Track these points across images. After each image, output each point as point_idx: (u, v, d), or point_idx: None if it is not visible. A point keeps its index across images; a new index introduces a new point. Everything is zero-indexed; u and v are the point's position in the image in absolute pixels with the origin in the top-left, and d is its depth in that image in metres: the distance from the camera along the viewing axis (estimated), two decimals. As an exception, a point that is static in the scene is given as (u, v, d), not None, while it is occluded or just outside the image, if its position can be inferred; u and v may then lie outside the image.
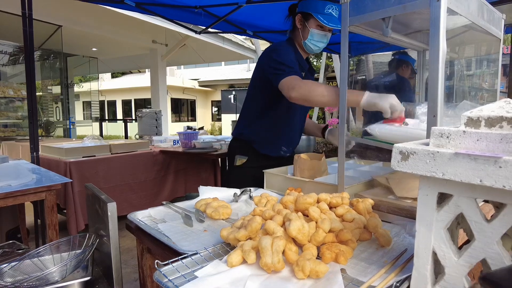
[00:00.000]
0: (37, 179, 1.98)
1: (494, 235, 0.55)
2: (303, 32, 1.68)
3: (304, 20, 1.66)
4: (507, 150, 0.54)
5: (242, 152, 1.81)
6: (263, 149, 1.77)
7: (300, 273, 0.68)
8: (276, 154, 1.80)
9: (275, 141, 1.78)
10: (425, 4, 0.88)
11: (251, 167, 1.78)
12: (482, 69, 1.72)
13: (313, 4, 1.62)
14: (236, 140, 1.86)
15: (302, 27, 1.68)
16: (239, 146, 1.83)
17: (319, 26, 1.62)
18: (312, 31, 1.64)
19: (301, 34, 1.68)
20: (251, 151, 1.79)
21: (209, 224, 1.05)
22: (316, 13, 1.60)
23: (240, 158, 1.80)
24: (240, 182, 1.70)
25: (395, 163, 0.63)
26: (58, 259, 1.22)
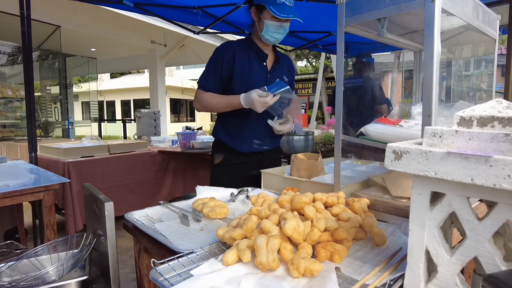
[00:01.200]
0: (35, 179, 1.98)
1: (486, 234, 0.56)
2: (259, 24, 1.66)
3: (259, 12, 1.64)
4: (497, 149, 0.54)
5: (218, 150, 1.83)
6: (236, 147, 1.77)
7: (295, 271, 0.68)
8: (249, 149, 1.78)
9: (245, 136, 1.76)
10: (419, 5, 0.88)
11: (227, 164, 1.80)
12: (479, 70, 1.73)
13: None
14: (215, 139, 1.89)
15: (257, 19, 1.66)
16: (215, 145, 1.87)
17: (274, 18, 1.59)
18: (267, 22, 1.60)
19: (258, 27, 1.67)
20: (226, 149, 1.80)
21: (205, 224, 1.06)
22: (269, 4, 1.56)
23: (217, 156, 1.82)
24: (220, 180, 1.74)
25: (389, 162, 0.64)
26: (55, 258, 1.22)
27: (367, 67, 3.22)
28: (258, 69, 1.73)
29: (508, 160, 0.49)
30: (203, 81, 1.71)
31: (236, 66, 1.67)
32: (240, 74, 1.68)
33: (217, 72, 1.68)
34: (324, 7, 2.82)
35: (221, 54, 1.69)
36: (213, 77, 1.69)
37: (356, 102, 2.60)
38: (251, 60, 1.71)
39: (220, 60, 1.68)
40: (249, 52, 1.71)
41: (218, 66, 1.68)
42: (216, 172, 1.84)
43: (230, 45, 1.72)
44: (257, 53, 1.73)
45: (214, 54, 1.72)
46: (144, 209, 1.18)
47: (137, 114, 4.46)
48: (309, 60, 21.33)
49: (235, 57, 1.67)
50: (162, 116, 6.02)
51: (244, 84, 1.67)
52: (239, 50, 1.69)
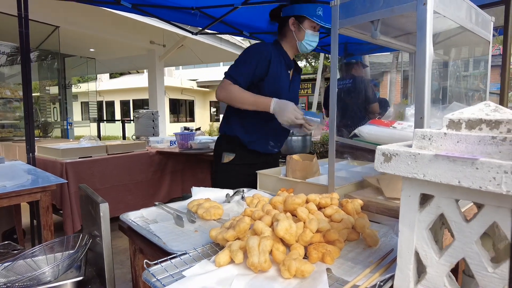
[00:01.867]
0: (33, 180, 1.99)
1: (473, 235, 0.57)
2: (297, 34, 1.76)
3: (299, 23, 1.74)
4: (484, 152, 0.55)
5: (229, 149, 1.82)
6: (250, 145, 1.79)
7: (286, 272, 0.69)
8: (264, 149, 1.83)
9: (263, 136, 1.81)
10: (412, 8, 0.89)
11: (238, 164, 1.80)
12: (474, 71, 1.74)
13: (305, 8, 1.72)
14: (223, 137, 1.87)
15: (296, 29, 1.75)
16: (226, 143, 1.84)
17: (312, 27, 1.74)
18: (307, 32, 1.74)
19: (296, 36, 1.76)
20: (239, 148, 1.80)
21: (200, 225, 1.06)
22: (310, 15, 1.71)
23: (227, 155, 1.81)
24: (228, 180, 1.75)
25: (378, 164, 0.64)
26: (51, 259, 1.23)
27: (357, 67, 3.23)
28: (284, 77, 1.80)
29: (494, 162, 0.49)
30: (234, 73, 1.69)
31: (270, 69, 1.72)
32: (272, 78, 1.74)
33: (250, 69, 1.69)
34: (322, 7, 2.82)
35: (258, 54, 1.71)
36: (245, 72, 1.69)
37: (348, 103, 2.61)
38: (282, 67, 1.78)
39: (256, 58, 1.70)
40: (281, 58, 1.78)
41: (253, 64, 1.70)
42: (225, 171, 1.82)
43: (267, 47, 1.75)
44: (286, 61, 1.80)
45: (251, 52, 1.73)
46: (140, 210, 1.19)
47: (136, 115, 4.47)
48: (308, 60, 21.34)
49: (271, 60, 1.72)
50: (161, 117, 6.02)
51: (273, 88, 1.73)
52: (274, 54, 1.75)
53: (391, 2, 0.93)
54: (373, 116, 2.86)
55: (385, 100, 4.51)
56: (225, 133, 1.85)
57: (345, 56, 3.36)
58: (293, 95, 1.88)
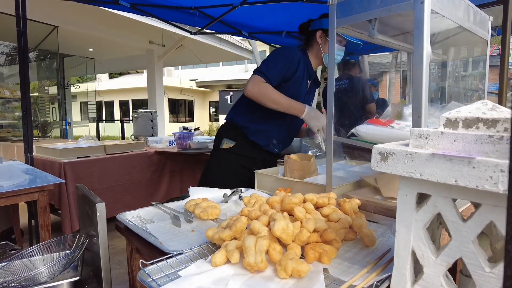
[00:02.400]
0: (30, 179, 1.98)
1: (470, 235, 0.56)
2: (324, 46, 1.81)
3: (325, 36, 1.79)
4: (481, 151, 0.54)
5: (231, 136, 1.82)
6: (252, 135, 1.80)
7: (282, 272, 0.69)
8: (264, 144, 1.83)
9: (268, 131, 1.82)
10: (409, 7, 0.89)
11: (237, 153, 1.80)
12: (471, 71, 1.73)
13: None
14: (228, 123, 1.88)
15: (323, 42, 1.81)
16: (229, 130, 1.85)
17: (339, 41, 1.74)
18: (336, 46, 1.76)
19: (322, 48, 1.82)
20: (240, 137, 1.80)
21: (197, 225, 1.06)
22: None
23: (227, 141, 1.81)
24: (223, 166, 1.76)
25: (375, 163, 0.64)
26: (48, 259, 1.22)
27: (354, 67, 3.23)
28: (304, 84, 1.83)
29: (490, 161, 0.49)
30: (267, 71, 1.69)
31: (297, 73, 1.75)
32: (296, 82, 1.77)
33: (283, 70, 1.71)
34: (320, 8, 2.82)
35: (291, 57, 1.74)
36: (278, 72, 1.70)
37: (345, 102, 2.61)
38: (304, 74, 1.81)
39: (289, 61, 1.72)
40: (305, 66, 1.81)
41: (285, 65, 1.72)
42: (221, 157, 1.82)
43: (298, 53, 1.78)
44: (309, 70, 1.84)
45: (284, 52, 1.75)
46: (137, 210, 1.18)
47: (134, 115, 4.46)
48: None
49: (299, 66, 1.75)
50: (160, 117, 6.02)
51: (293, 92, 1.75)
52: (302, 60, 1.78)
53: (389, 1, 0.93)
54: (370, 116, 2.85)
55: (384, 100, 4.51)
56: (232, 119, 1.86)
57: (343, 56, 3.36)
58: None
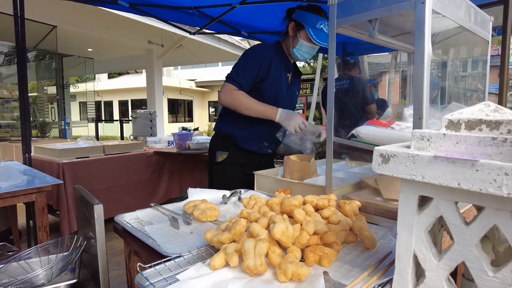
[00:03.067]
0: (28, 180, 1.97)
1: (473, 238, 0.55)
2: (293, 40, 1.70)
3: (296, 30, 1.68)
4: (485, 153, 0.54)
5: (222, 148, 1.80)
6: (242, 143, 1.77)
7: (282, 276, 0.68)
8: (256, 148, 1.81)
9: (257, 136, 1.79)
10: (410, 7, 0.88)
11: (232, 163, 1.78)
12: (473, 71, 1.73)
13: (306, 17, 1.63)
14: (217, 135, 1.86)
15: (293, 35, 1.70)
16: (219, 142, 1.83)
17: (309, 39, 1.65)
18: (302, 42, 1.67)
19: (291, 42, 1.71)
20: (232, 146, 1.78)
21: (196, 227, 1.05)
22: (308, 26, 1.62)
23: (221, 154, 1.79)
24: (223, 179, 1.74)
25: (376, 165, 0.63)
26: (45, 261, 1.21)
27: (355, 67, 3.22)
28: (284, 79, 1.77)
29: (494, 164, 0.48)
30: (237, 76, 1.65)
31: (271, 71, 1.68)
32: (272, 80, 1.70)
33: (253, 72, 1.65)
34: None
35: (261, 56, 1.67)
36: (248, 76, 1.65)
37: (345, 103, 2.60)
38: (281, 69, 1.74)
39: (259, 60, 1.66)
40: (281, 60, 1.74)
41: (256, 66, 1.65)
42: (219, 170, 1.81)
43: (268, 49, 1.71)
44: (286, 64, 1.76)
45: (252, 54, 1.69)
46: (135, 211, 1.17)
47: (133, 115, 4.45)
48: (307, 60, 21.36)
49: (272, 62, 1.68)
50: (159, 117, 6.00)
51: (271, 91, 1.71)
52: (275, 56, 1.71)
53: (389, 0, 0.92)
54: (371, 116, 2.85)
55: (384, 100, 4.50)
56: (220, 129, 1.83)
57: (343, 56, 3.34)
58: (291, 98, 1.86)
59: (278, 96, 1.73)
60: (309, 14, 1.64)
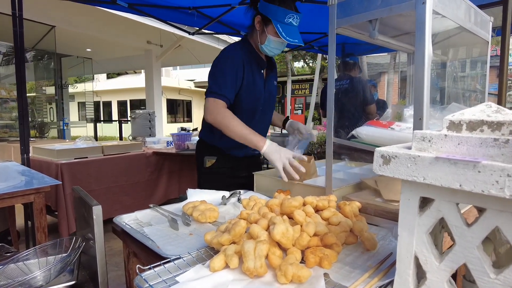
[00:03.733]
0: (26, 181, 1.96)
1: (475, 240, 0.55)
2: (261, 35, 1.58)
3: (264, 24, 1.55)
4: (486, 154, 0.53)
5: (210, 153, 1.73)
6: (229, 151, 1.72)
7: (282, 277, 0.67)
8: (244, 154, 1.75)
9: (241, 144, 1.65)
10: (410, 7, 0.88)
11: (221, 167, 1.73)
12: (473, 71, 1.73)
13: (274, 10, 1.50)
14: (203, 141, 1.80)
15: (260, 30, 1.58)
16: (206, 148, 1.76)
17: (278, 34, 1.52)
18: (270, 37, 1.55)
19: (259, 37, 1.59)
20: (219, 153, 1.73)
21: (195, 228, 1.04)
22: (276, 21, 1.50)
23: (209, 159, 1.73)
24: (213, 184, 1.67)
25: (377, 167, 0.63)
26: (43, 263, 1.20)
27: (354, 68, 3.21)
28: (258, 78, 1.67)
29: (496, 166, 0.48)
30: (220, 90, 1.50)
31: (245, 74, 1.58)
32: (248, 83, 1.61)
33: (233, 80, 1.54)
34: (319, 8, 2.81)
35: (234, 62, 1.56)
36: (230, 85, 1.53)
37: (345, 103, 2.59)
38: (253, 68, 1.64)
39: (235, 67, 1.55)
40: (251, 59, 1.63)
41: (233, 74, 1.54)
42: (208, 175, 1.77)
43: (237, 51, 1.59)
44: (258, 61, 1.66)
45: (227, 62, 1.56)
46: (134, 212, 1.17)
47: (132, 115, 4.44)
48: (306, 61, 21.39)
49: (244, 64, 1.58)
50: (158, 117, 5.99)
51: (250, 94, 1.62)
52: (245, 56, 1.60)
53: (390, 1, 0.92)
54: (371, 117, 2.84)
55: (383, 101, 4.50)
56: (203, 139, 1.77)
57: (343, 57, 3.34)
58: (270, 93, 1.76)
59: (257, 98, 1.65)
60: (275, 7, 1.49)
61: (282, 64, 20.35)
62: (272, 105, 1.84)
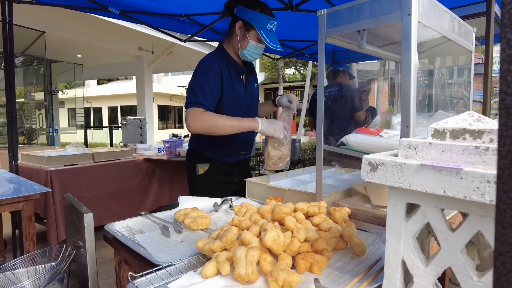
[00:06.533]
0: (15, 189, 1.93)
1: (459, 244, 0.57)
2: (241, 41, 1.61)
3: (245, 30, 1.59)
4: (468, 161, 0.55)
5: (202, 160, 1.74)
6: (221, 159, 1.73)
7: (273, 283, 0.68)
8: (236, 160, 1.77)
9: (231, 151, 1.74)
10: (397, 18, 0.90)
11: (214, 174, 1.73)
12: (458, 79, 1.77)
13: (256, 17, 1.55)
14: (193, 150, 1.80)
15: (241, 36, 1.61)
16: (197, 155, 1.76)
17: (258, 39, 1.59)
18: (252, 43, 1.60)
19: (239, 43, 1.62)
20: (211, 160, 1.74)
21: (187, 235, 1.04)
22: (260, 27, 1.56)
23: (201, 166, 1.73)
24: (206, 189, 1.68)
25: (365, 173, 0.64)
26: (32, 272, 1.19)
27: (343, 75, 3.26)
28: (238, 84, 1.69)
29: (477, 172, 0.50)
30: (199, 99, 1.52)
31: (224, 82, 1.60)
32: (228, 91, 1.63)
33: (212, 89, 1.56)
34: (310, 17, 2.86)
35: (211, 69, 1.58)
36: (209, 94, 1.54)
37: (334, 111, 2.63)
38: (232, 76, 1.66)
39: (212, 76, 1.57)
40: (229, 67, 1.66)
41: (211, 81, 1.56)
42: (202, 182, 1.76)
43: (214, 60, 1.62)
44: (236, 68, 1.68)
45: (204, 70, 1.58)
46: (125, 220, 1.16)
47: (123, 122, 4.41)
48: (297, 67, 21.60)
49: (222, 73, 1.60)
50: (149, 123, 5.96)
51: (231, 102, 1.64)
52: (222, 65, 1.62)
53: (377, 12, 0.95)
54: (359, 124, 2.88)
55: (373, 109, 4.56)
56: (195, 148, 1.77)
57: (333, 64, 3.39)
58: (251, 98, 1.78)
59: (239, 104, 1.67)
60: (258, 13, 1.55)
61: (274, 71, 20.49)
62: (255, 108, 1.85)
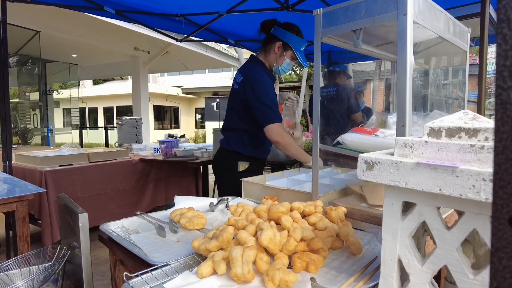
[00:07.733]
0: (9, 189, 1.91)
1: (454, 242, 0.57)
2: (278, 58, 1.88)
3: (283, 49, 1.86)
4: (464, 160, 0.56)
5: (242, 159, 1.94)
6: (259, 155, 1.98)
7: (270, 283, 0.68)
8: (266, 156, 2.07)
9: (266, 146, 2.00)
10: (392, 18, 0.91)
11: (253, 170, 1.92)
12: (453, 79, 1.78)
13: (294, 39, 1.83)
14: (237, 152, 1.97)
15: (279, 54, 1.87)
16: (236, 155, 1.95)
17: (292, 57, 1.88)
18: (287, 60, 1.89)
19: (276, 59, 1.89)
20: (251, 158, 1.95)
21: (183, 235, 1.04)
22: (296, 49, 1.84)
23: (243, 164, 1.93)
24: None
25: (361, 172, 0.64)
26: (26, 273, 1.18)
27: (340, 75, 3.27)
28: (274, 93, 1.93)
29: (473, 170, 0.50)
30: (277, 113, 1.78)
31: None
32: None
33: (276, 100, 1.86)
34: (306, 17, 2.86)
35: (270, 84, 1.83)
36: (276, 105, 1.81)
37: (331, 111, 2.64)
38: (272, 85, 1.90)
39: (273, 90, 1.84)
40: (271, 78, 1.90)
41: (274, 95, 1.83)
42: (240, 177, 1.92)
43: (266, 74, 1.85)
44: (273, 80, 1.92)
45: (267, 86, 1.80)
46: (121, 220, 1.16)
47: (119, 122, 4.39)
48: (293, 68, 21.64)
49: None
50: (145, 124, 5.94)
51: None
52: (267, 76, 1.86)
53: (373, 12, 0.95)
54: (356, 124, 2.89)
55: (369, 109, 4.57)
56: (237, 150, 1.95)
57: (329, 65, 3.40)
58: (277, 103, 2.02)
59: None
60: (295, 37, 1.83)
61: (270, 71, 20.48)
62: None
